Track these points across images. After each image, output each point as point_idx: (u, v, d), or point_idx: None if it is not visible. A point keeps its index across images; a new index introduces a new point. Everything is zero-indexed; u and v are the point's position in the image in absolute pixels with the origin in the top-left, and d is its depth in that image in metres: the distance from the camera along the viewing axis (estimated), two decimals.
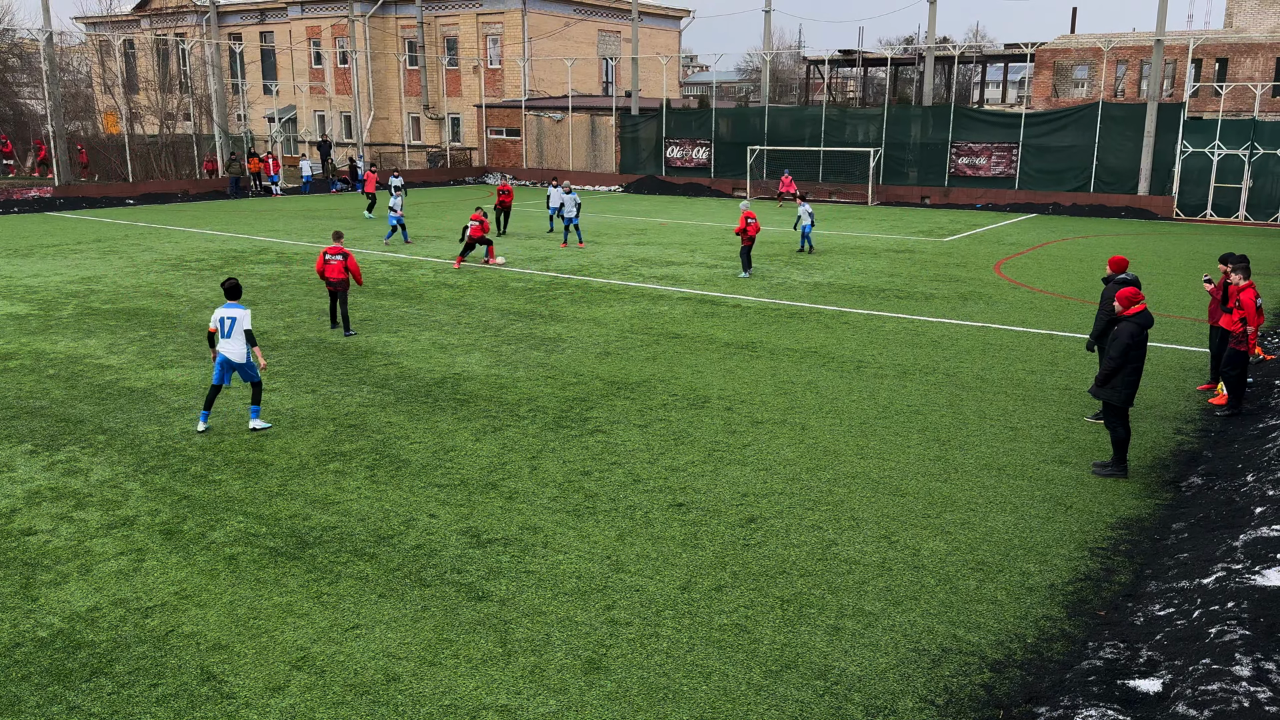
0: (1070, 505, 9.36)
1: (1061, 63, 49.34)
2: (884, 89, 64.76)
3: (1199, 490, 9.64)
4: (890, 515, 9.07)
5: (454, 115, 58.07)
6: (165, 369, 14.17)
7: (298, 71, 62.20)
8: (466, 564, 8.04)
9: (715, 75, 70.59)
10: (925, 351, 15.33)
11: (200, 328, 16.80)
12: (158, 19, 65.20)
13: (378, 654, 6.72)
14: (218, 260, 24.75)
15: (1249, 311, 11.55)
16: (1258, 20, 45.33)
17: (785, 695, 6.27)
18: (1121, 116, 37.12)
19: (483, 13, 56.20)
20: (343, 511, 9.12)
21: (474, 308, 18.71)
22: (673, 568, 8.00)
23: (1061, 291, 20.72)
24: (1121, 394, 9.88)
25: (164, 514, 9.05)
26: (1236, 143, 34.55)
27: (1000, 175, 39.63)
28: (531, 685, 6.36)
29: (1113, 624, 7.05)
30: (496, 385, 13.34)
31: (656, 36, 62.81)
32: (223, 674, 6.48)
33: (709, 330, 16.78)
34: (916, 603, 7.45)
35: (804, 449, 10.86)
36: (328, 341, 15.87)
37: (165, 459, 10.48)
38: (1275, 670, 5.61)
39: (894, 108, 43.47)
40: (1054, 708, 5.89)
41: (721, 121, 46.47)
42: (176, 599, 7.47)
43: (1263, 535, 7.65)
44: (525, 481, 9.86)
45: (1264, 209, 34.50)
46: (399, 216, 27.65)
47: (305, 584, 7.70)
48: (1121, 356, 9.75)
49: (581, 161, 50.71)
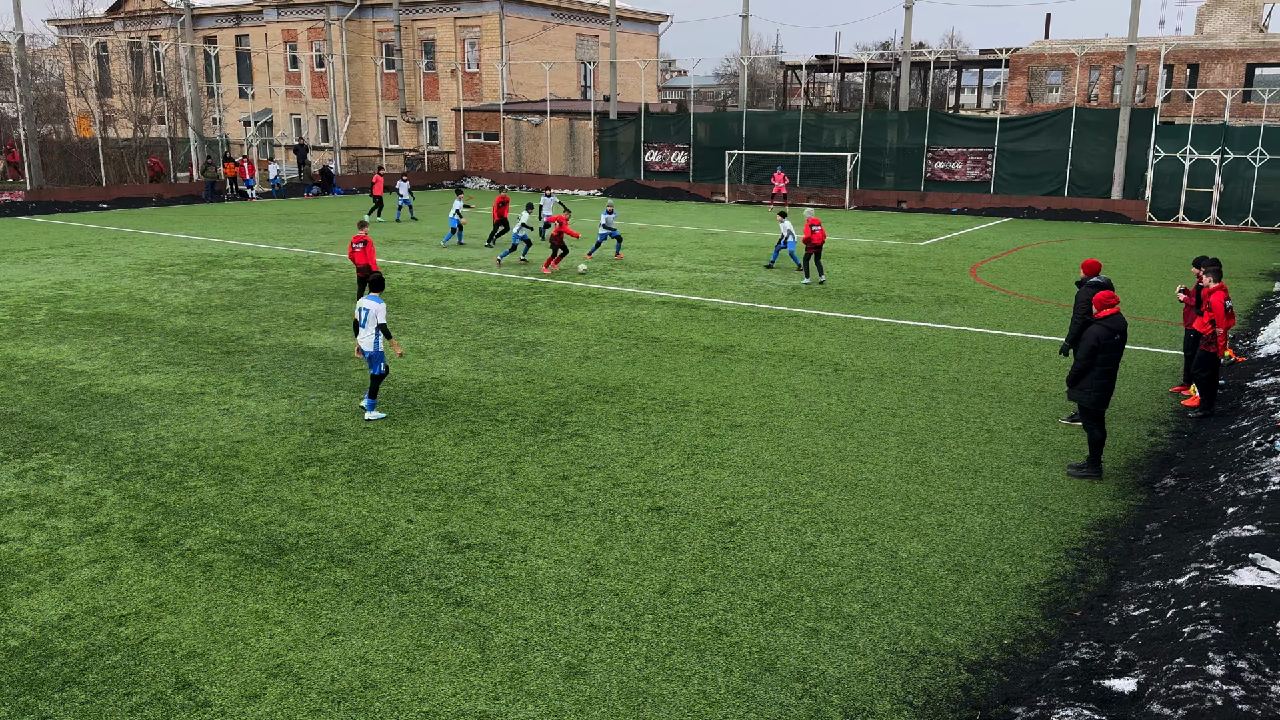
0: (1046, 507, 9.43)
1: (1036, 68, 49.79)
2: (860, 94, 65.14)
3: (1172, 491, 9.74)
4: (868, 517, 9.11)
5: (431, 119, 57.91)
6: (139, 375, 14.03)
7: (274, 75, 61.81)
8: (445, 569, 8.01)
9: (693, 80, 70.76)
10: (902, 354, 15.42)
11: (174, 333, 16.67)
12: (131, 21, 64.68)
13: (355, 661, 6.68)
14: (192, 265, 24.55)
15: (1218, 314, 11.69)
16: (1228, 27, 45.93)
17: (764, 698, 6.28)
18: (1095, 121, 37.51)
19: (460, 16, 56.08)
20: (319, 518, 9.06)
21: (452, 312, 18.65)
22: (652, 571, 8.00)
23: (1036, 295, 20.89)
24: (1091, 395, 9.97)
25: (138, 521, 8.96)
26: (1208, 148, 34.98)
27: (976, 180, 39.93)
28: (510, 691, 6.34)
29: (1088, 624, 7.11)
30: (475, 390, 13.30)
31: (635, 41, 62.89)
32: (198, 682, 6.42)
33: (688, 334, 16.81)
34: (894, 604, 7.48)
35: (783, 452, 10.88)
36: (304, 346, 15.78)
37: (139, 465, 10.37)
38: (1248, 669, 5.67)
39: (870, 113, 43.72)
40: (1030, 708, 5.93)
41: (700, 126, 46.58)
42: (151, 607, 7.40)
43: (1235, 535, 7.74)
44: (504, 486, 9.84)
45: (1235, 213, 34.94)
46: (458, 219, 28.31)
47: (281, 591, 7.64)
48: (1088, 357, 9.86)
49: (560, 165, 50.67)
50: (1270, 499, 8.41)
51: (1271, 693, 5.43)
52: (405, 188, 35.10)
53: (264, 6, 60.58)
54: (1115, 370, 9.98)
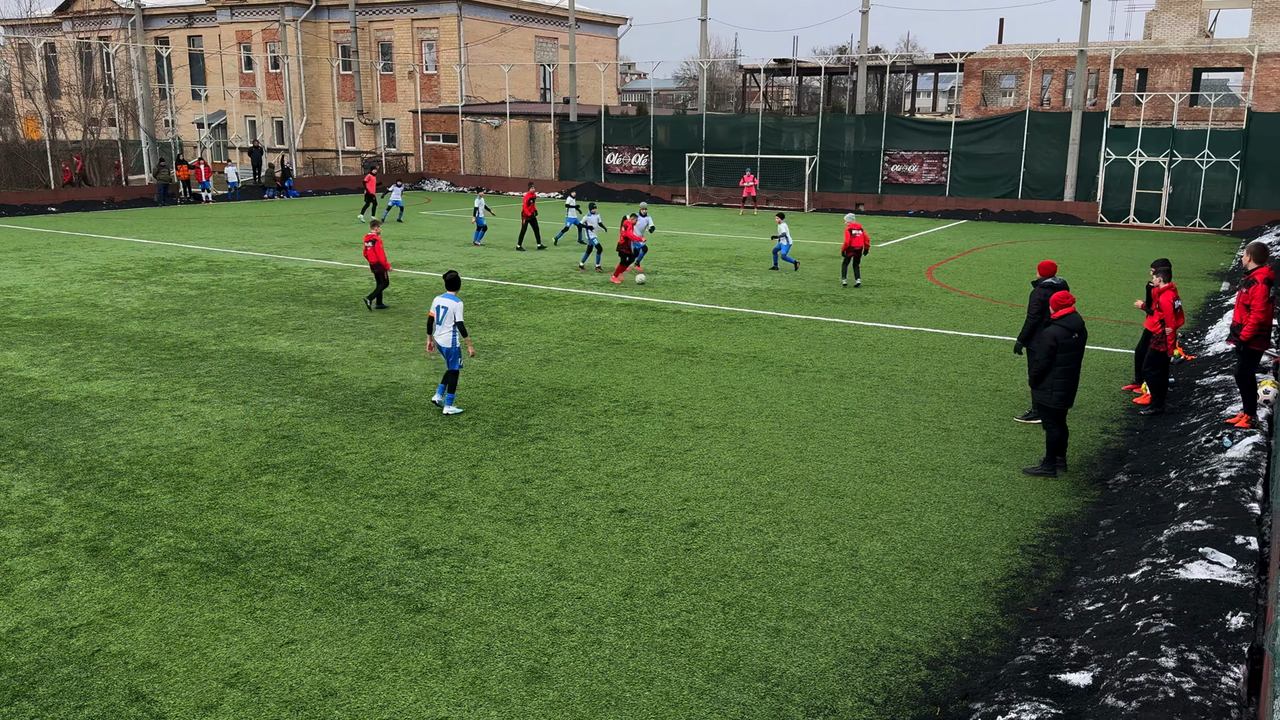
0: (1002, 504, 9.56)
1: (989, 72, 50.51)
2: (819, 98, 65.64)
3: (1125, 488, 9.91)
4: (829, 517, 9.17)
5: (389, 121, 57.43)
6: (90, 381, 13.76)
7: (228, 76, 60.95)
8: (405, 575, 7.94)
9: (653, 83, 70.96)
10: (861, 355, 15.55)
11: (127, 338, 16.37)
12: (80, 21, 63.42)
13: (314, 669, 6.59)
14: (144, 269, 24.13)
15: (1167, 313, 11.93)
16: (1175, 32, 46.92)
17: (727, 698, 6.29)
18: (1047, 125, 38.13)
19: (418, 18, 55.69)
20: (276, 525, 8.93)
21: (411, 315, 18.50)
22: (615, 574, 7.99)
23: (991, 295, 21.18)
24: (1054, 395, 10.13)
25: (89, 530, 8.78)
26: (1156, 150, 35.72)
27: (931, 182, 40.42)
28: (472, 697, 6.29)
29: (1044, 619, 7.21)
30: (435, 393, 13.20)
31: (594, 43, 62.86)
32: (152, 693, 6.30)
33: (649, 336, 16.82)
34: (855, 603, 7.54)
35: (744, 453, 10.93)
36: (260, 351, 15.57)
37: (90, 474, 10.17)
38: (1199, 661, 5.79)
39: (828, 116, 44.09)
40: (989, 703, 6.01)
41: (660, 129, 46.66)
42: (103, 617, 7.25)
43: (1185, 530, 7.90)
44: (465, 490, 9.77)
45: (1183, 214, 35.70)
46: (481, 218, 28.91)
47: (238, 599, 7.53)
48: (1047, 357, 10.02)
49: (520, 168, 50.50)
50: (1219, 494, 8.59)
51: (1222, 684, 5.55)
52: (399, 190, 36.08)
53: (217, 7, 59.73)
54: (1077, 369, 10.13)
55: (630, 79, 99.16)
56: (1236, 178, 34.63)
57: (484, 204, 29.08)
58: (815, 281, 22.83)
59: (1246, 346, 10.90)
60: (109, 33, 61.33)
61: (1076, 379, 10.15)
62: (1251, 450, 9.73)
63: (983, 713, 5.90)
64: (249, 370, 14.40)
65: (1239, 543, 7.44)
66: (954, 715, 6.06)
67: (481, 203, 29.01)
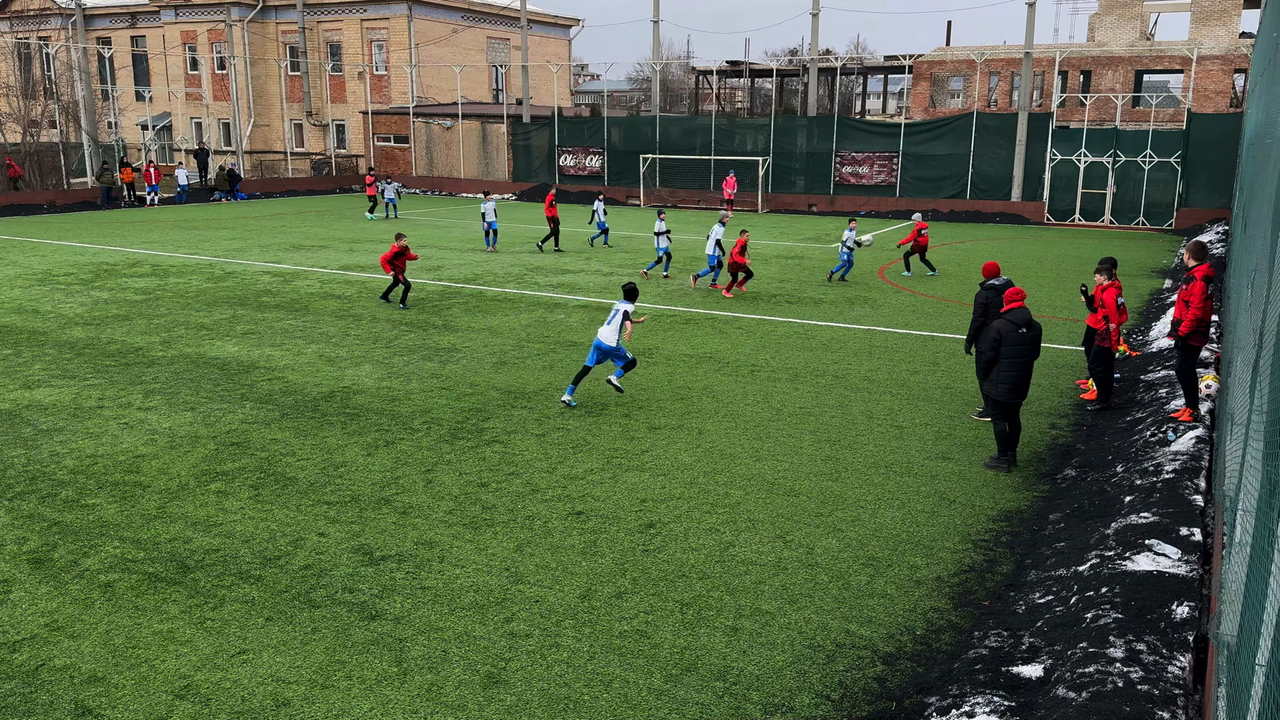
0: (954, 500, 9.68)
1: (938, 74, 51.19)
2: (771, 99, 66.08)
3: (1073, 482, 10.10)
4: (785, 515, 9.22)
5: (339, 122, 56.77)
6: (31, 389, 13.41)
7: (173, 77, 59.82)
8: (359, 583, 7.84)
9: (606, 84, 70.97)
10: (815, 354, 15.68)
11: (69, 344, 15.99)
12: (19, 21, 61.83)
13: (266, 679, 6.48)
14: (88, 274, 23.59)
15: (1110, 310, 12.19)
16: (1117, 35, 47.90)
17: (686, 698, 6.30)
18: (994, 126, 38.75)
19: (367, 18, 55.13)
20: (226, 533, 8.78)
21: (363, 319, 18.31)
22: (572, 576, 7.96)
23: (941, 295, 21.47)
24: (1001, 388, 10.31)
25: (32, 542, 8.55)
26: (1100, 150, 36.47)
27: (882, 183, 40.87)
28: (429, 704, 6.23)
29: (996, 613, 7.32)
30: (388, 398, 13.07)
31: (546, 44, 62.68)
32: (99, 707, 6.15)
33: None
34: (811, 600, 7.59)
35: (701, 453, 10.95)
36: (208, 356, 15.29)
37: (33, 484, 9.91)
38: (1146, 650, 5.90)
39: (780, 118, 44.40)
40: (943, 697, 6.07)
41: (614, 130, 46.66)
42: (47, 631, 7.06)
43: (1132, 523, 8.06)
44: (420, 495, 9.68)
45: (1126, 213, 36.48)
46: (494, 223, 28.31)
47: (187, 610, 7.38)
48: (991, 349, 10.28)
49: (473, 169, 50.19)
50: (1164, 487, 8.78)
51: (1168, 673, 5.67)
52: (393, 189, 36.43)
53: (161, 7, 58.62)
54: (1027, 364, 10.30)
55: (583, 80, 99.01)
56: (1178, 177, 35.47)
57: (494, 206, 28.21)
58: (769, 282, 22.96)
59: (1185, 342, 11.16)
60: (49, 33, 59.87)
61: (1026, 373, 10.32)
62: (1194, 443, 9.97)
63: (937, 706, 5.97)
64: (197, 376, 14.14)
65: (1184, 534, 7.61)
66: (909, 710, 6.12)
67: (492, 205, 28.14)
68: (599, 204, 30.55)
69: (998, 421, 10.51)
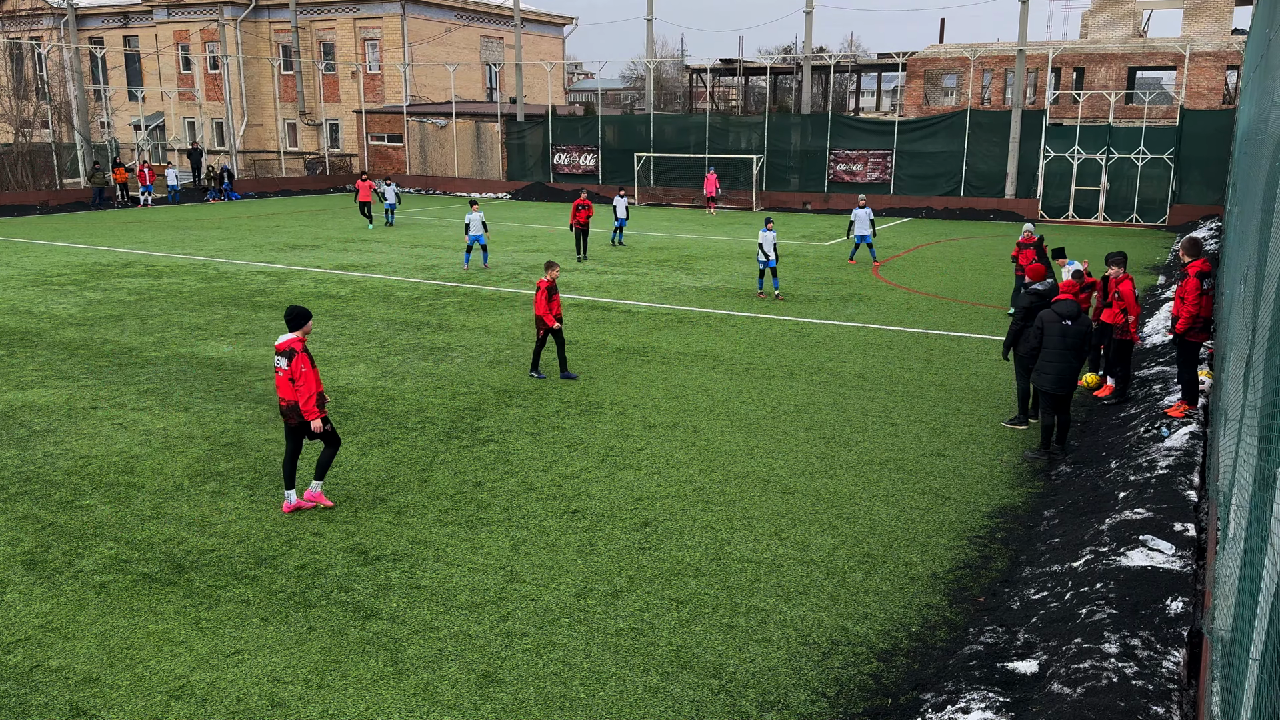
0: (949, 496, 9.70)
1: (931, 71, 51.24)
2: (765, 97, 66.10)
3: (1068, 478, 10.12)
4: (780, 513, 9.23)
5: (332, 121, 56.65)
6: (25, 390, 13.38)
7: (165, 77, 59.66)
8: (354, 582, 7.83)
9: (600, 82, 70.85)
10: (810, 352, 15.69)
11: (63, 345, 15.94)
12: (10, 21, 61.59)
13: (261, 679, 6.47)
14: (81, 275, 23.53)
15: (1128, 301, 12.20)
16: (1110, 32, 47.99)
17: (682, 696, 6.30)
18: (988, 123, 38.79)
19: (360, 17, 55.02)
20: (221, 533, 8.76)
21: (357, 318, 18.28)
22: (568, 575, 7.96)
23: (935, 292, 21.49)
24: (1045, 379, 10.53)
25: (26, 543, 8.53)
26: (1094, 147, 36.52)
27: (876, 181, 40.89)
28: (424, 703, 6.23)
29: (991, 609, 7.33)
30: (383, 397, 13.05)
31: (540, 43, 62.62)
32: (94, 709, 6.14)
33: (600, 336, 16.79)
34: (806, 597, 7.60)
35: (696, 451, 10.96)
36: (201, 357, 15.26)
37: (26, 485, 9.88)
38: (1140, 646, 5.92)
39: (774, 116, 44.39)
40: (939, 693, 6.09)
41: (608, 128, 46.62)
42: (42, 632, 7.05)
43: (1126, 518, 8.08)
44: (415, 495, 9.67)
45: (1120, 210, 36.54)
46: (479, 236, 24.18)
47: (182, 610, 7.37)
48: (1034, 338, 10.55)
49: (467, 168, 50.12)
50: (1158, 483, 8.81)
51: (1163, 667, 5.68)
52: (392, 190, 34.66)
53: (153, 6, 58.46)
54: (1070, 356, 10.37)
55: (577, 79, 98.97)
56: (1171, 174, 35.53)
57: (481, 218, 24.26)
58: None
59: (1182, 338, 11.17)
60: (41, 33, 59.71)
61: (1069, 365, 10.40)
62: (1188, 439, 9.99)
63: (933, 703, 5.98)
64: (190, 377, 14.11)
65: (1177, 530, 7.63)
66: (904, 706, 6.13)
67: (479, 217, 24.17)
68: (619, 200, 29.30)
69: (1045, 413, 10.65)
